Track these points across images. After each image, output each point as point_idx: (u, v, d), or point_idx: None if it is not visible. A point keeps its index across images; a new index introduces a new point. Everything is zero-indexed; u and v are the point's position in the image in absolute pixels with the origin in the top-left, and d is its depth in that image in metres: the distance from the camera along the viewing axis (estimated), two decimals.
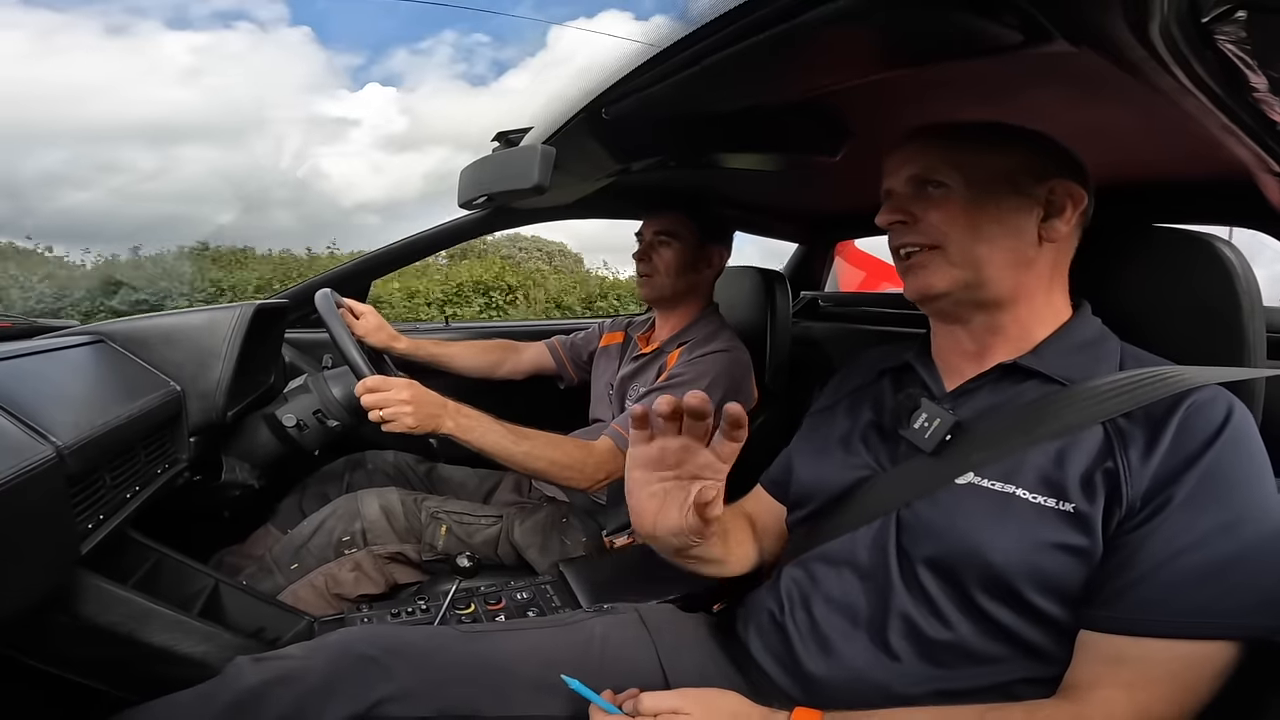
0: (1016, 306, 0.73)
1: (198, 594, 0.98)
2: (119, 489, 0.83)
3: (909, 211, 0.74)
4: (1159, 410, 0.63)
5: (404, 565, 1.22)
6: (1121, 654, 0.59)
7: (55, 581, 0.71)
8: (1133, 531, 0.60)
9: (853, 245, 3.12)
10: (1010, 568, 0.63)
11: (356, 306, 1.42)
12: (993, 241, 0.71)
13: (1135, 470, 0.61)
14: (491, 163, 0.99)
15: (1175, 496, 0.59)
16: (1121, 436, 0.63)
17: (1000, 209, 0.71)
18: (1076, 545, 0.61)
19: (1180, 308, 0.74)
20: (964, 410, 0.73)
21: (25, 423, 0.67)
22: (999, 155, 0.72)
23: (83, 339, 0.98)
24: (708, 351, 1.30)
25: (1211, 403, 0.62)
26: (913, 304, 0.78)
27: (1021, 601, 0.63)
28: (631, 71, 0.68)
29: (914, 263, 0.75)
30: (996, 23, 0.50)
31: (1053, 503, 0.63)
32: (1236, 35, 0.39)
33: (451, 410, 1.13)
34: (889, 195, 0.78)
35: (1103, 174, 0.77)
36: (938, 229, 0.72)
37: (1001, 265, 0.71)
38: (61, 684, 0.77)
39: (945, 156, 0.73)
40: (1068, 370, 0.69)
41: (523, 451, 1.17)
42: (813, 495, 0.83)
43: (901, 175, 0.76)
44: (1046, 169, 0.72)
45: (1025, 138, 0.73)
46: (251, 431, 1.27)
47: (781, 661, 0.75)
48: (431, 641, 0.74)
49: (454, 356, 1.60)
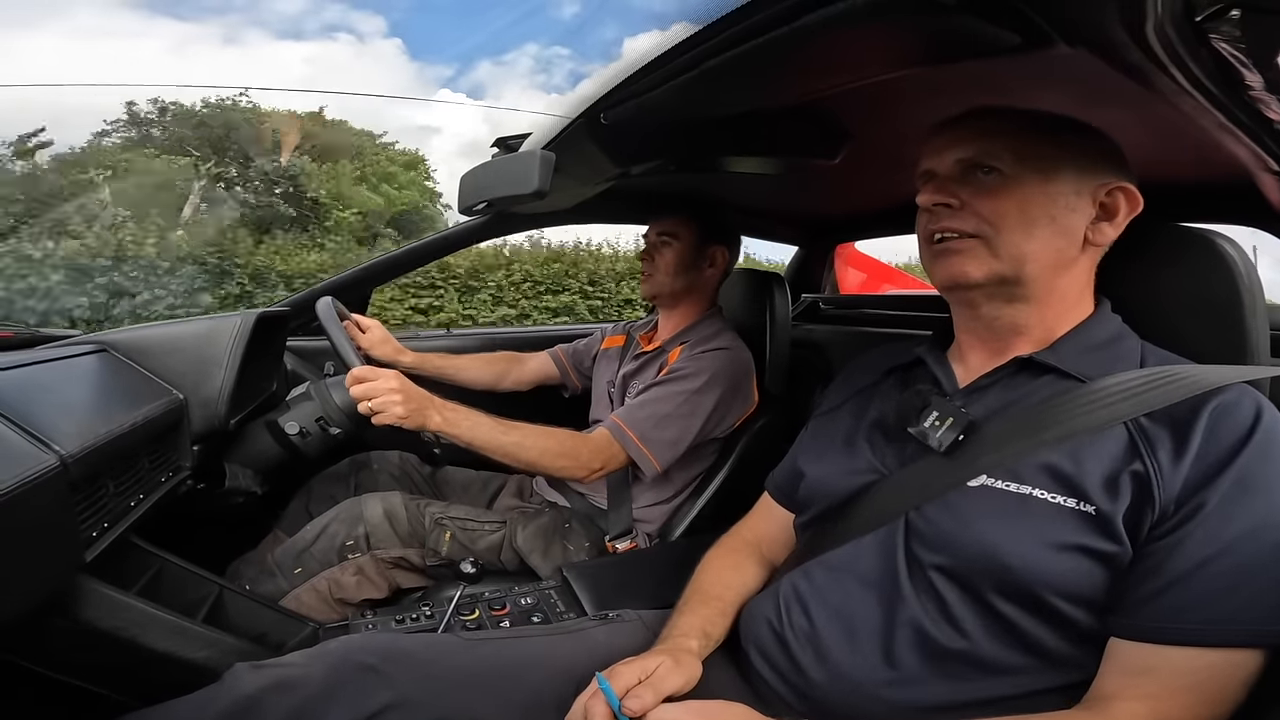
0: (1046, 305, 0.71)
1: (201, 600, 0.98)
2: (122, 497, 0.83)
3: (957, 195, 0.70)
4: (1183, 410, 0.61)
5: (407, 570, 1.21)
6: (1146, 663, 0.57)
7: (58, 588, 0.71)
8: (1163, 538, 0.58)
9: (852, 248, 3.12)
10: (1029, 571, 0.60)
11: (363, 321, 1.44)
12: (1042, 239, 0.67)
13: (1167, 473, 0.58)
14: (492, 168, 0.99)
15: (1208, 502, 0.57)
16: (1147, 437, 0.61)
17: (1056, 206, 0.68)
18: (1100, 549, 0.59)
19: (1182, 304, 0.73)
20: (976, 408, 0.71)
21: (29, 431, 0.67)
22: (1064, 148, 0.68)
23: (85, 348, 0.99)
24: (709, 348, 1.31)
25: (1238, 404, 0.60)
26: (914, 305, 0.78)
27: (1040, 605, 0.61)
28: (629, 76, 0.68)
29: (950, 247, 0.70)
30: (995, 25, 0.51)
31: (1072, 503, 0.61)
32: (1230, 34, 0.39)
33: (438, 404, 1.14)
34: (930, 176, 0.74)
35: None
36: (986, 218, 0.68)
37: (1044, 264, 0.68)
38: (62, 688, 0.77)
39: (1007, 143, 0.68)
40: (1086, 367, 0.67)
41: (513, 442, 1.17)
42: (816, 499, 0.80)
43: (949, 156, 0.71)
44: (1106, 169, 0.69)
45: (1089, 133, 0.70)
46: (254, 439, 1.27)
47: (780, 671, 0.72)
48: (432, 649, 0.73)
49: (460, 369, 1.61)
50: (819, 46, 0.58)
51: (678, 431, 1.25)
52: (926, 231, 0.73)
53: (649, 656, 0.69)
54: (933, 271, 0.73)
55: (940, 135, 0.73)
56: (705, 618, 0.79)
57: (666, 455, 1.25)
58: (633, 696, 0.63)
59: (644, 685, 0.64)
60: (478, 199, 1.01)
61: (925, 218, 0.73)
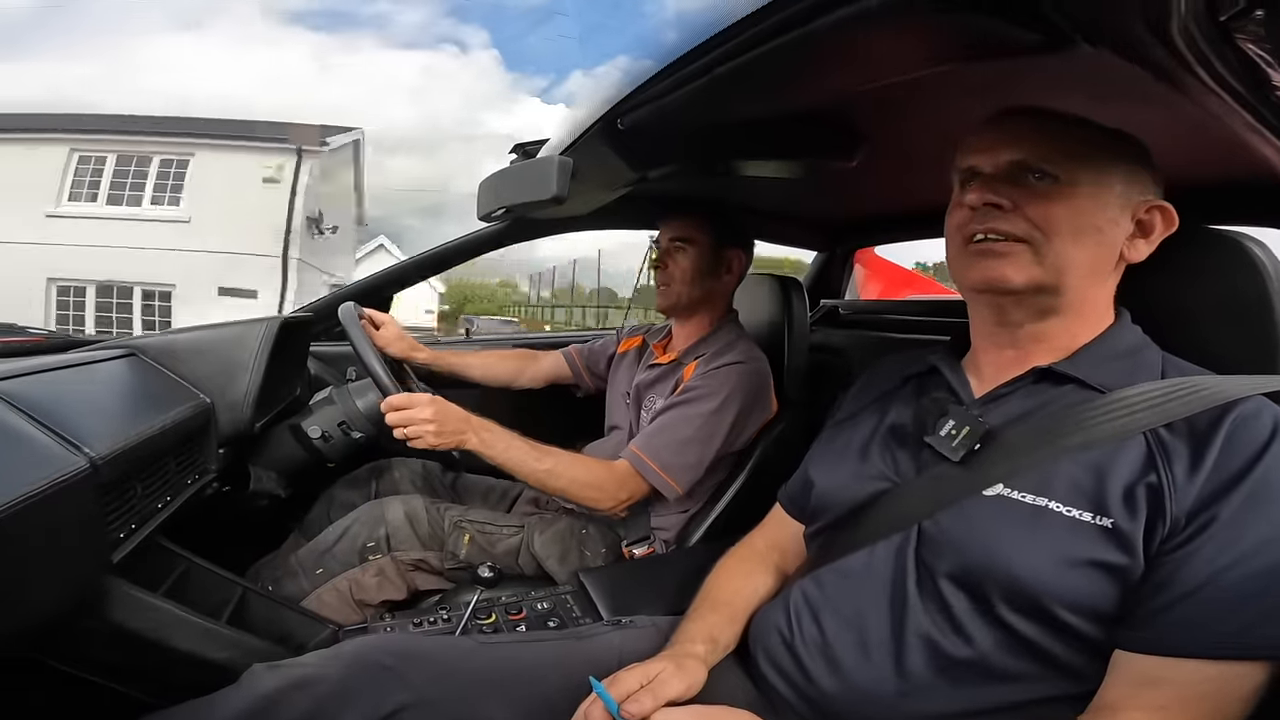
0: (1072, 317, 0.70)
1: (225, 601, 1.00)
2: (150, 499, 0.85)
3: (1008, 196, 0.67)
4: (1202, 423, 0.60)
5: (426, 573, 1.22)
6: (1155, 675, 0.56)
7: (87, 588, 0.73)
8: (1175, 551, 0.57)
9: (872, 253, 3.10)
10: (1040, 584, 0.60)
11: (377, 316, 1.44)
12: (1087, 250, 0.67)
13: (1180, 486, 0.58)
14: (510, 174, 1.00)
15: (1220, 515, 0.56)
16: (1164, 450, 0.60)
17: (1104, 218, 0.67)
18: (1113, 563, 0.58)
19: (1210, 308, 0.72)
20: (994, 417, 0.69)
21: (59, 434, 0.69)
22: (1116, 160, 0.68)
23: (115, 352, 1.01)
24: (724, 364, 1.29)
25: (1257, 416, 0.59)
26: (933, 311, 0.77)
27: (1050, 618, 0.60)
28: (646, 81, 0.68)
29: (993, 249, 0.68)
30: (1015, 25, 0.50)
31: (1089, 517, 0.60)
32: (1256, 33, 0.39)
33: (475, 425, 1.16)
34: (974, 175, 0.71)
35: None
36: (1037, 223, 0.66)
37: (1083, 275, 0.67)
38: (82, 686, 0.79)
39: (1066, 148, 0.66)
40: (1105, 378, 0.66)
41: (545, 469, 1.19)
42: (829, 507, 0.80)
43: (1000, 156, 0.69)
44: (1150, 185, 0.69)
45: (1137, 147, 0.69)
46: (278, 442, 1.29)
47: (789, 679, 0.72)
48: (449, 651, 0.74)
49: (473, 366, 1.62)
50: (837, 48, 0.58)
51: (697, 455, 1.25)
52: (968, 231, 0.70)
53: (652, 662, 0.69)
54: (967, 272, 0.71)
55: (990, 132, 0.71)
56: (713, 624, 0.79)
57: (687, 479, 1.25)
58: (632, 701, 0.63)
59: (644, 691, 0.64)
60: (497, 205, 1.02)
61: (966, 216, 0.70)
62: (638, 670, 0.67)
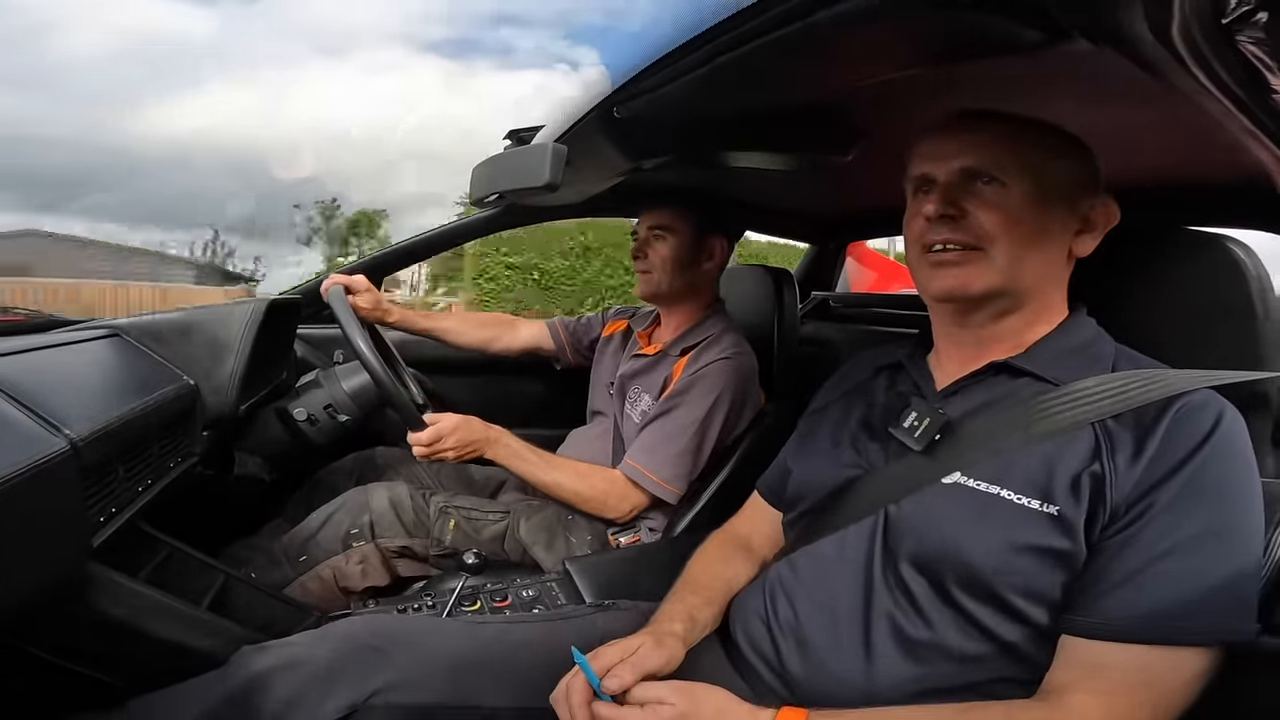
0: (1028, 314, 0.72)
1: (208, 588, 0.99)
2: (132, 482, 0.83)
3: (959, 205, 0.69)
4: (1149, 414, 0.62)
5: (410, 560, 1.22)
6: (1099, 660, 0.58)
7: (66, 573, 0.72)
8: (1114, 536, 0.60)
9: (864, 246, 3.11)
10: (989, 568, 0.62)
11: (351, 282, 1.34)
12: (1039, 252, 0.69)
13: (1121, 474, 0.60)
14: (504, 161, 0.99)
15: (1158, 502, 0.59)
16: (1110, 440, 0.62)
17: (1051, 219, 0.69)
18: (1058, 548, 0.61)
19: (1193, 309, 0.73)
20: (954, 409, 0.72)
21: (39, 415, 0.67)
22: (1064, 162, 0.69)
23: (97, 332, 0.99)
24: (712, 360, 1.29)
25: (1202, 408, 0.61)
26: (921, 305, 0.78)
27: (1001, 602, 0.63)
28: (643, 70, 0.67)
29: (949, 259, 0.70)
30: (1016, 22, 0.50)
31: (1037, 504, 0.62)
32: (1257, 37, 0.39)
33: (493, 441, 1.23)
34: (928, 183, 0.73)
35: (1120, 177, 0.76)
36: (987, 231, 0.68)
37: (1038, 276, 0.70)
38: (63, 673, 0.78)
39: (1015, 154, 0.68)
40: (1060, 371, 0.68)
41: (553, 480, 1.26)
42: (806, 494, 0.82)
43: (951, 164, 0.70)
44: (1092, 185, 0.71)
45: (1079, 147, 0.71)
46: (263, 426, 1.28)
47: (766, 659, 0.75)
48: (434, 632, 0.76)
49: (446, 331, 1.60)
50: (837, 42, 0.57)
51: (692, 461, 1.27)
52: (925, 241, 0.72)
53: (632, 638, 0.70)
54: (928, 282, 0.73)
55: (941, 139, 0.72)
56: (692, 605, 0.80)
57: (684, 483, 1.28)
58: (612, 675, 0.64)
59: (624, 664, 0.65)
60: (489, 190, 1.00)
61: (923, 226, 0.71)
62: (618, 645, 0.68)
